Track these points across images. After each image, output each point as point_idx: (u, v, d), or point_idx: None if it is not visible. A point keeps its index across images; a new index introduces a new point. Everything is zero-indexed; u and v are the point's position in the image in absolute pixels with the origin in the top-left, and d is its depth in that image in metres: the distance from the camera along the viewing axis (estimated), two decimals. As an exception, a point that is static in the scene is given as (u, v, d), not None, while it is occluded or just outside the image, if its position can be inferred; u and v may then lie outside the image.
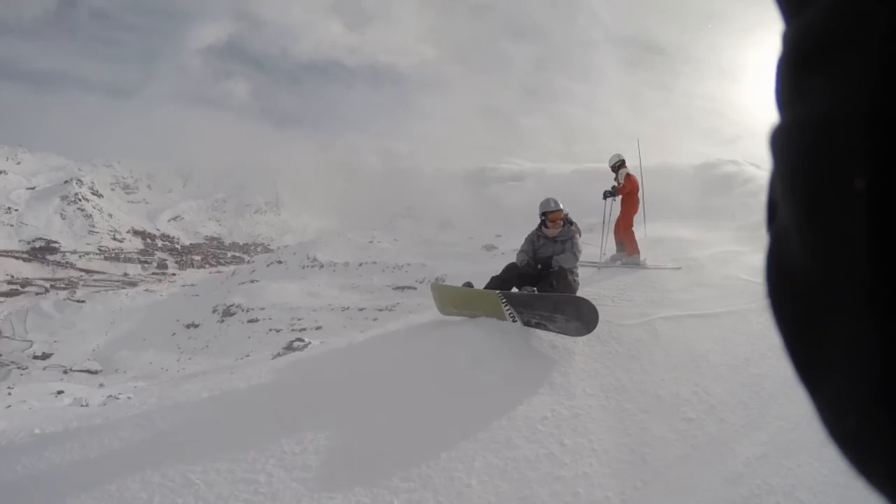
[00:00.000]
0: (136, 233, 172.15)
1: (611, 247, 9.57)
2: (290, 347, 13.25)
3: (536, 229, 6.04)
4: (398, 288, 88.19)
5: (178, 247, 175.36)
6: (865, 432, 0.34)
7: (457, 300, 5.79)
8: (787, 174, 0.39)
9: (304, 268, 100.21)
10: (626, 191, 9.34)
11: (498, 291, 5.26)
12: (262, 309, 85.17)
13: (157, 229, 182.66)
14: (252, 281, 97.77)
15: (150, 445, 3.48)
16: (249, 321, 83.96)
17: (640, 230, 9.86)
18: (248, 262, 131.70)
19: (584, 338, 4.64)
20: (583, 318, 4.51)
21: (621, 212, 9.39)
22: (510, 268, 5.82)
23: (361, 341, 5.69)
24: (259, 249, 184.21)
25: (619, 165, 9.55)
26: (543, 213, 5.88)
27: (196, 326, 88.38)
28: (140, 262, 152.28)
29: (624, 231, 9.16)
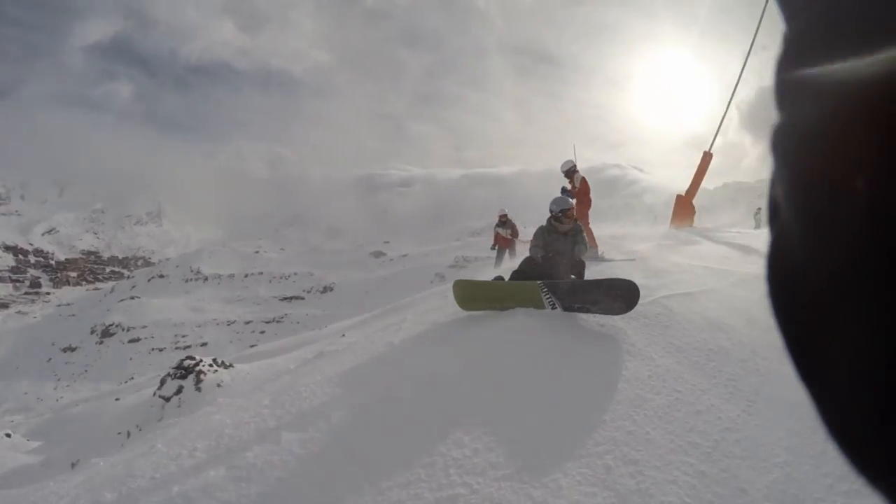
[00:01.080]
0: (6, 248, 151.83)
1: None
2: (180, 367, 12.81)
3: (546, 225, 6.64)
4: (285, 299, 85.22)
5: (52, 263, 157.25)
6: (866, 432, 0.34)
7: (489, 294, 6.17)
8: (787, 174, 0.39)
9: (187, 281, 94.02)
10: (580, 192, 10.54)
11: (538, 282, 5.78)
12: (144, 327, 78.60)
13: (30, 244, 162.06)
14: (132, 297, 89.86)
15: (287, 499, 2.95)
16: (130, 341, 77.08)
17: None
18: (128, 277, 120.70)
19: (619, 316, 5.33)
20: (626, 297, 5.26)
21: (577, 211, 10.51)
22: (528, 261, 6.48)
23: (400, 341, 5.62)
24: (140, 263, 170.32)
25: (573, 170, 10.72)
26: (561, 210, 6.52)
27: (73, 350, 79.46)
28: (11, 280, 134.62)
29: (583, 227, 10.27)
